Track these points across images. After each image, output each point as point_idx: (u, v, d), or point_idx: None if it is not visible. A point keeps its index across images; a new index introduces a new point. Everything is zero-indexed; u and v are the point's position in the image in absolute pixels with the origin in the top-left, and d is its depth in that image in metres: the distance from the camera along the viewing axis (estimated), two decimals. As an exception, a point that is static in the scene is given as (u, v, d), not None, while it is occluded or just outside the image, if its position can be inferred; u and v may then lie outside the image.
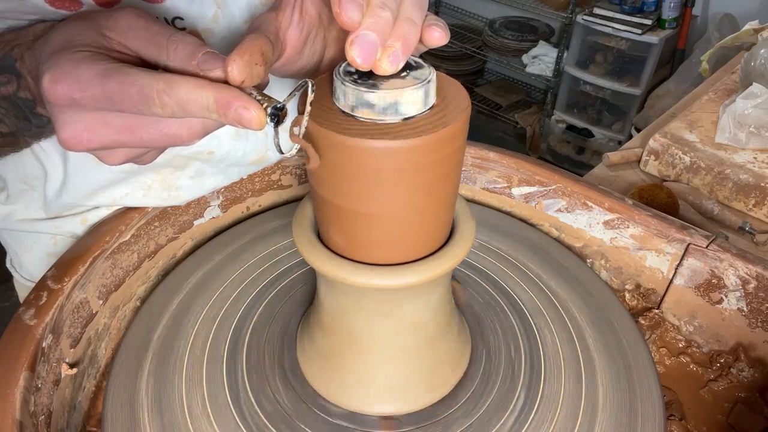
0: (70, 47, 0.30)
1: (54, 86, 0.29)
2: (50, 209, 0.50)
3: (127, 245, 0.50)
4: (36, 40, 0.34)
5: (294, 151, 0.31)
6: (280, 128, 0.30)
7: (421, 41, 0.32)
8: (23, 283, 0.59)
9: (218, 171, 0.53)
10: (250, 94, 0.29)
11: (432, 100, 0.32)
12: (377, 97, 0.30)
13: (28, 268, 0.57)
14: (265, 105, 0.29)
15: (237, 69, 0.29)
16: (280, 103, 0.30)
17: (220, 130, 0.33)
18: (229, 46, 0.45)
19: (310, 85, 0.30)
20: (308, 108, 0.30)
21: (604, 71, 2.19)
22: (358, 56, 0.29)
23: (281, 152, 0.31)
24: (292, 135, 0.31)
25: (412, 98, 0.30)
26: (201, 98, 0.29)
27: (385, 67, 0.30)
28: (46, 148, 0.46)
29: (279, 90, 0.48)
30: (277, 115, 0.29)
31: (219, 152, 0.51)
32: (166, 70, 0.30)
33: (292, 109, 0.31)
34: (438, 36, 0.32)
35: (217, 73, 0.30)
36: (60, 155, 0.46)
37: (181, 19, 0.43)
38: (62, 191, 0.48)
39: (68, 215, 0.51)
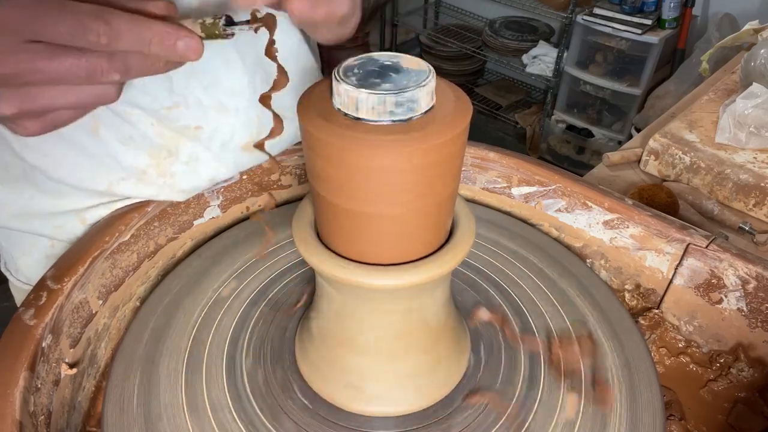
0: None
1: None
2: (45, 191, 0.50)
3: (126, 245, 0.50)
4: None
5: (243, 28, 0.34)
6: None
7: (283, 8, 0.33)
8: (19, 287, 0.58)
9: (212, 157, 0.53)
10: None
11: (431, 101, 0.32)
12: (374, 97, 0.30)
13: (25, 271, 0.57)
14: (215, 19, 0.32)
15: None
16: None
17: (207, 103, 0.34)
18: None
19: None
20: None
21: (604, 71, 2.19)
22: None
23: (232, 23, 0.33)
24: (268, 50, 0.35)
25: (412, 99, 0.30)
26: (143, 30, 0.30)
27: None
28: None
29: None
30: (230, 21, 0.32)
31: (207, 127, 0.51)
32: None
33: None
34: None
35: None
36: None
37: None
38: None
39: (67, 211, 0.51)
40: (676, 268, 0.52)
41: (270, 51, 0.36)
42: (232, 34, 0.34)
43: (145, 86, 0.46)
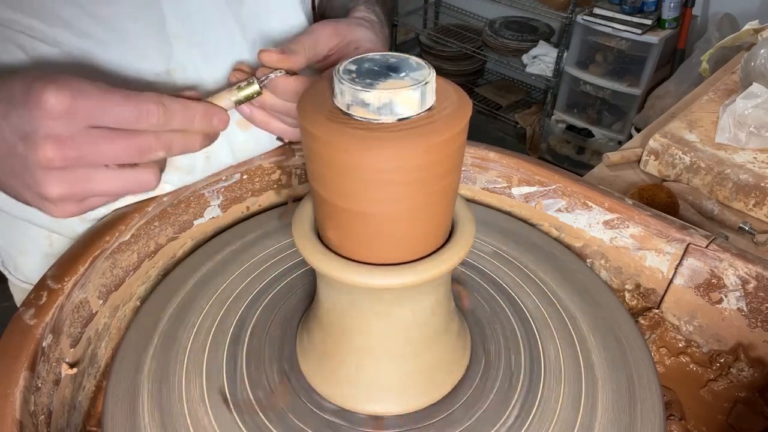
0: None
1: (58, 92, 0.32)
2: None
3: (127, 245, 0.50)
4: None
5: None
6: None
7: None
8: (19, 285, 0.58)
9: None
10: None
11: (431, 101, 0.32)
12: (374, 96, 0.30)
13: (24, 270, 0.57)
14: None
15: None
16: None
17: (205, 73, 0.43)
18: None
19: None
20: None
21: (604, 71, 2.19)
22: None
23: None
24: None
25: (409, 98, 0.30)
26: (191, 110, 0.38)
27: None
28: None
29: None
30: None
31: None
32: None
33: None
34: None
35: None
36: None
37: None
38: None
39: None
40: (676, 268, 0.52)
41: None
42: (264, 86, 0.43)
43: (145, 52, 0.46)
